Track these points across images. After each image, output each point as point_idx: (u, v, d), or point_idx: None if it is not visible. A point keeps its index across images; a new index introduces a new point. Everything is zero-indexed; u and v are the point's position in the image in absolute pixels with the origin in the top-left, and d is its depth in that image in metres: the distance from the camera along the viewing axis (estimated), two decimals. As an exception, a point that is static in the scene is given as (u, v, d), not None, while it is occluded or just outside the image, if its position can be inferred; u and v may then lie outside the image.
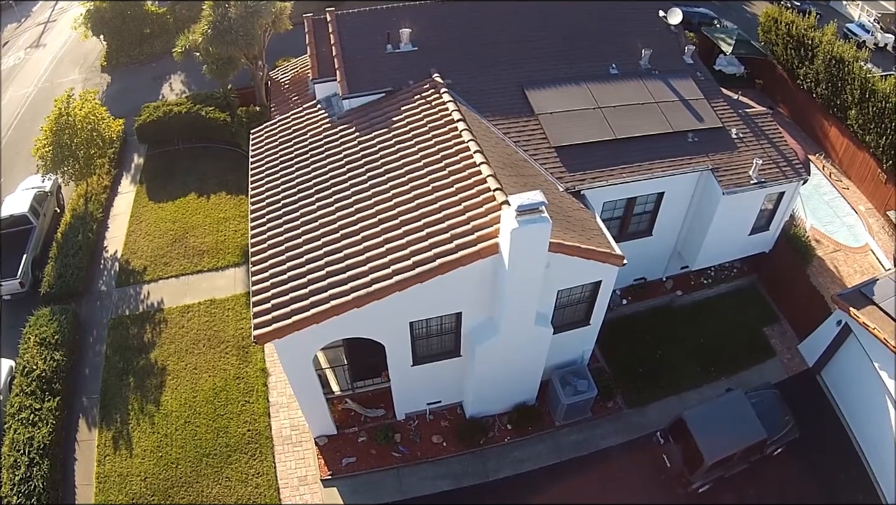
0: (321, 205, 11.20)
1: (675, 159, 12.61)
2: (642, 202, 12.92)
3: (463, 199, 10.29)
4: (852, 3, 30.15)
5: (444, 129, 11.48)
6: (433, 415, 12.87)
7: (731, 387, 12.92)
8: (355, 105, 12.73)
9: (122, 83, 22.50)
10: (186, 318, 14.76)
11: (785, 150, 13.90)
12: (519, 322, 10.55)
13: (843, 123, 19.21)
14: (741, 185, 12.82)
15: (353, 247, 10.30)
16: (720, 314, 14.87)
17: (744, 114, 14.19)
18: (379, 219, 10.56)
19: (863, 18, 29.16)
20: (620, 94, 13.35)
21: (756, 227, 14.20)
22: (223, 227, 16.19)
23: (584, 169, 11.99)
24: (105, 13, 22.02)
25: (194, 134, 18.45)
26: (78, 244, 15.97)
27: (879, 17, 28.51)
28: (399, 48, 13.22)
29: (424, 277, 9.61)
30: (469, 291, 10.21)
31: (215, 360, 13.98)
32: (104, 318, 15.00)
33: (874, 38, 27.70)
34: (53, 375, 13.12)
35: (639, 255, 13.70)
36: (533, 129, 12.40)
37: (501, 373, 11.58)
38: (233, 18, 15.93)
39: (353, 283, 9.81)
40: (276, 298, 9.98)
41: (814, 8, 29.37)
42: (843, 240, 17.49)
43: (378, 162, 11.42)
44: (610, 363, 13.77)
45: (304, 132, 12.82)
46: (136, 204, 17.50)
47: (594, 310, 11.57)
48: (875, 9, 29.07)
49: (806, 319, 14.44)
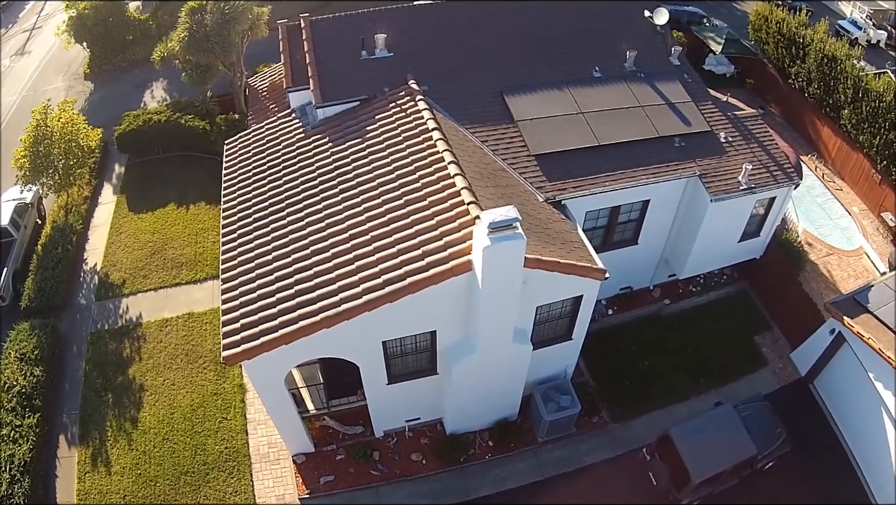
0: (292, 220, 10.58)
1: (661, 166, 11.91)
2: (627, 210, 12.22)
3: (436, 213, 9.64)
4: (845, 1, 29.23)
5: (418, 139, 10.81)
6: (412, 432, 12.27)
7: (721, 400, 12.28)
8: (330, 114, 12.05)
9: (104, 90, 21.81)
10: (164, 332, 14.27)
11: (776, 153, 13.19)
12: (496, 340, 9.93)
13: (836, 123, 18.44)
14: (730, 192, 12.13)
15: (323, 264, 9.70)
16: (710, 323, 14.19)
17: (733, 116, 13.47)
18: (350, 235, 9.93)
19: (855, 15, 28.25)
20: (604, 99, 12.64)
21: (746, 234, 13.51)
22: (202, 239, 15.60)
23: (565, 178, 11.30)
24: (87, 20, 21.29)
25: (174, 142, 17.80)
26: (58, 257, 15.50)
27: (871, 14, 27.58)
28: (374, 54, 12.52)
29: (394, 297, 9.00)
30: (443, 309, 9.58)
31: (193, 375, 13.51)
32: (83, 332, 14.60)
33: (866, 34, 26.77)
34: (33, 391, 12.75)
35: (624, 264, 13.04)
36: (512, 137, 11.70)
37: (480, 390, 10.96)
38: (209, 26, 15.22)
39: (322, 302, 9.25)
40: (245, 318, 9.46)
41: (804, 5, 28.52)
42: (837, 243, 16.79)
43: (351, 174, 10.76)
44: (595, 376, 13.12)
45: (277, 143, 12.15)
46: (116, 215, 16.90)
47: (576, 324, 10.93)
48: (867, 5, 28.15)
49: (798, 327, 13.78)
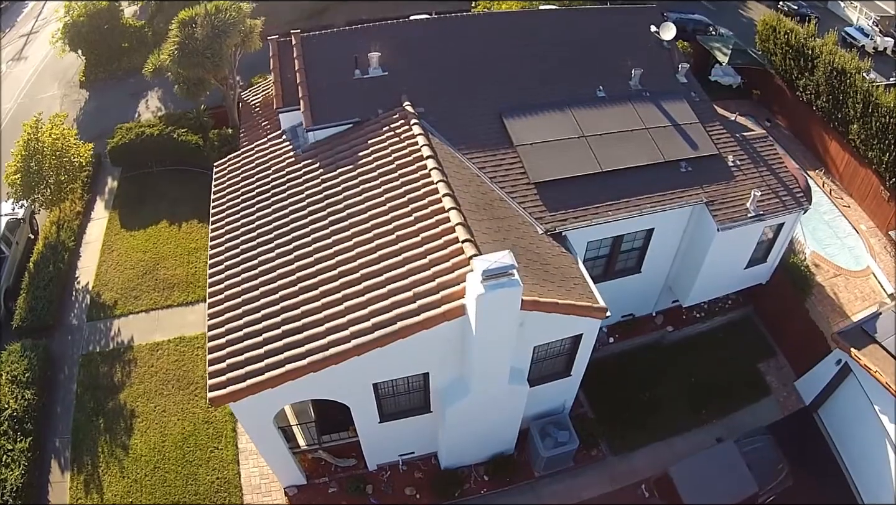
0: (280, 252, 9.88)
1: (666, 193, 11.15)
2: (630, 239, 11.49)
3: (429, 250, 8.93)
4: (850, 6, 28.15)
5: (412, 167, 10.07)
6: (406, 466, 11.65)
7: (721, 437, 11.64)
8: (321, 137, 11.30)
9: (99, 99, 21.04)
10: (156, 356, 13.65)
11: (785, 176, 12.40)
12: (491, 381, 9.27)
13: (845, 138, 17.59)
14: (737, 220, 11.37)
15: (311, 303, 9.03)
16: (713, 350, 13.50)
17: (741, 138, 12.66)
18: (339, 271, 9.24)
19: (861, 22, 27.20)
20: (608, 121, 11.84)
21: (753, 260, 12.77)
22: (194, 259, 14.92)
23: (566, 207, 10.55)
24: (82, 27, 20.49)
25: (167, 157, 17.09)
26: (49, 275, 14.86)
27: (878, 20, 26.54)
28: (368, 73, 11.72)
29: (384, 342, 8.34)
30: (435, 352, 8.92)
31: (184, 402, 12.92)
32: (75, 354, 13.99)
33: (873, 41, 25.80)
34: (25, 414, 12.19)
35: (627, 292, 12.34)
36: (511, 163, 10.94)
37: (476, 428, 10.32)
38: (199, 39, 14.41)
39: (309, 344, 8.60)
40: (231, 358, 8.85)
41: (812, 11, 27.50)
42: (844, 263, 16.02)
43: (341, 204, 10.04)
44: (594, 407, 12.45)
45: (267, 167, 11.42)
46: (108, 231, 16.23)
47: (575, 361, 10.25)
48: (874, 11, 27.09)
49: (804, 354, 13.10)
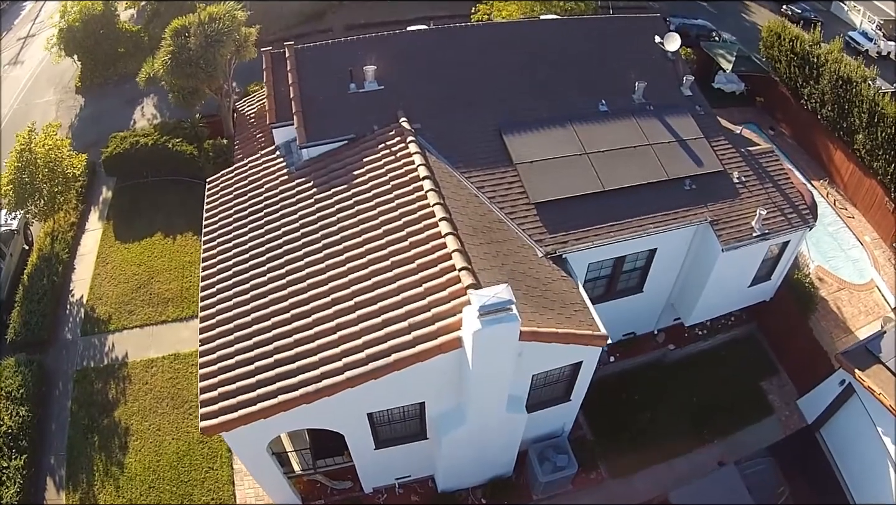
0: (272, 276, 9.46)
1: (670, 213, 10.70)
2: (632, 260, 11.05)
3: (425, 278, 8.50)
4: (853, 9, 27.49)
5: (408, 188, 9.62)
6: (403, 489, 11.28)
7: (723, 459, 11.27)
8: (315, 154, 10.85)
9: (95, 105, 20.56)
10: (150, 373, 13.29)
11: (790, 193, 11.94)
12: (488, 411, 8.89)
13: (850, 148, 17.09)
14: (742, 239, 10.92)
15: (304, 332, 8.63)
16: (715, 368, 13.08)
17: (746, 153, 12.19)
18: (332, 298, 8.82)
19: (865, 26, 26.56)
20: (610, 136, 11.37)
21: (757, 278, 12.32)
22: (188, 273, 14.51)
23: (567, 228, 10.10)
24: (77, 33, 19.98)
25: (162, 167, 16.65)
26: (43, 289, 14.47)
27: (882, 24, 25.91)
28: (363, 87, 11.24)
29: (378, 374, 7.94)
30: (431, 383, 8.53)
31: (178, 421, 12.56)
32: (69, 369, 13.63)
33: (877, 46, 25.17)
34: (20, 431, 11.89)
35: (628, 311, 11.92)
36: (511, 182, 10.48)
37: (473, 454, 9.94)
38: (192, 49, 13.91)
39: (301, 375, 8.21)
40: (222, 386, 8.47)
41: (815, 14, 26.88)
42: (848, 276, 15.58)
43: (335, 227, 9.59)
44: (594, 428, 12.04)
45: (259, 185, 10.97)
46: (102, 243, 15.82)
47: (575, 386, 9.85)
48: (877, 14, 26.44)
49: (807, 372, 12.72)
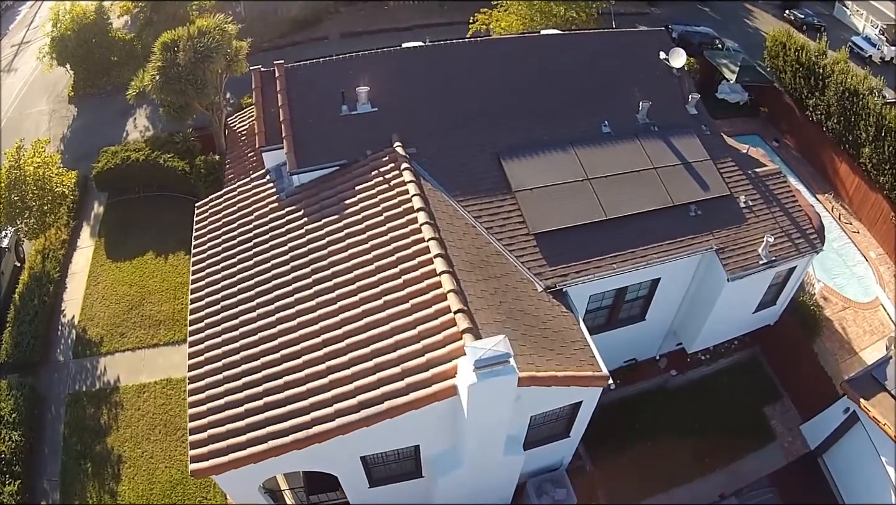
0: (262, 313, 8.95)
1: (675, 241, 10.15)
2: (635, 290, 10.52)
3: (419, 320, 7.99)
4: (856, 14, 26.71)
5: (402, 220, 9.07)
6: (400, 523, 10.85)
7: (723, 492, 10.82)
8: (306, 180, 10.29)
9: (88, 116, 19.95)
10: (142, 398, 12.83)
11: (798, 216, 11.39)
12: (485, 454, 8.42)
13: (856, 161, 16.52)
14: (749, 268, 10.39)
15: (294, 373, 8.14)
16: (718, 393, 12.60)
17: (753, 175, 11.61)
18: (323, 339, 8.31)
19: (868, 31, 25.80)
20: (614, 160, 10.79)
21: (762, 303, 11.81)
22: (180, 294, 14.00)
23: (568, 260, 9.56)
24: (69, 42, 19.32)
25: (153, 182, 16.08)
26: (35, 309, 13.98)
27: (885, 29, 25.15)
28: (356, 109, 10.65)
29: (370, 422, 7.48)
30: (426, 428, 8.06)
31: (171, 449, 12.11)
32: (62, 392, 13.17)
33: (880, 51, 24.45)
34: (13, 456, 11.52)
35: (630, 339, 11.42)
36: (509, 211, 9.91)
37: (469, 492, 9.47)
38: (181, 65, 13.28)
39: (292, 421, 7.76)
40: (212, 428, 8.03)
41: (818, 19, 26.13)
42: (853, 294, 15.07)
43: (325, 261, 9.06)
44: (594, 457, 11.59)
45: (249, 212, 10.42)
46: (94, 262, 15.29)
47: (575, 423, 9.37)
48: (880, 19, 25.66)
49: (811, 396, 12.26)
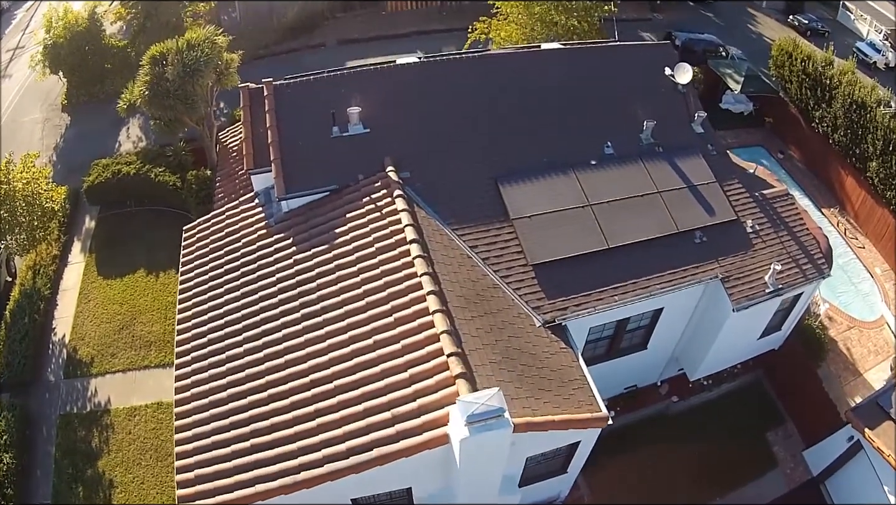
0: (249, 349, 8.50)
1: (678, 270, 9.66)
2: (636, 320, 10.04)
3: (410, 362, 7.53)
4: (860, 19, 25.97)
5: (394, 252, 8.59)
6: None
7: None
8: (295, 206, 9.80)
9: (81, 126, 19.44)
10: (133, 422, 12.46)
11: (806, 240, 10.88)
12: (480, 495, 7.99)
13: (862, 175, 15.97)
14: (755, 297, 9.90)
15: (281, 415, 7.71)
16: (720, 419, 12.18)
17: (760, 197, 11.09)
18: (311, 380, 7.86)
19: (872, 36, 25.07)
20: (616, 184, 10.27)
21: (768, 329, 11.33)
22: (170, 315, 13.53)
23: (568, 293, 9.07)
24: (62, 49, 18.77)
25: (145, 197, 15.60)
26: (25, 328, 13.61)
27: (889, 34, 24.44)
28: (348, 130, 10.13)
29: (360, 469, 7.05)
30: (417, 472, 7.62)
31: (162, 475, 11.75)
32: (53, 413, 12.82)
33: (885, 57, 23.74)
34: (5, 479, 11.20)
35: (631, 367, 10.97)
36: (507, 241, 9.41)
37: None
38: (170, 80, 12.75)
39: (279, 465, 7.34)
40: (199, 469, 7.63)
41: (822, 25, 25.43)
42: (858, 313, 14.61)
43: (314, 295, 8.59)
44: (592, 486, 11.18)
45: (236, 238, 9.94)
46: (84, 278, 14.86)
47: (573, 460, 8.93)
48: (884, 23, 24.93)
49: (814, 421, 11.86)
